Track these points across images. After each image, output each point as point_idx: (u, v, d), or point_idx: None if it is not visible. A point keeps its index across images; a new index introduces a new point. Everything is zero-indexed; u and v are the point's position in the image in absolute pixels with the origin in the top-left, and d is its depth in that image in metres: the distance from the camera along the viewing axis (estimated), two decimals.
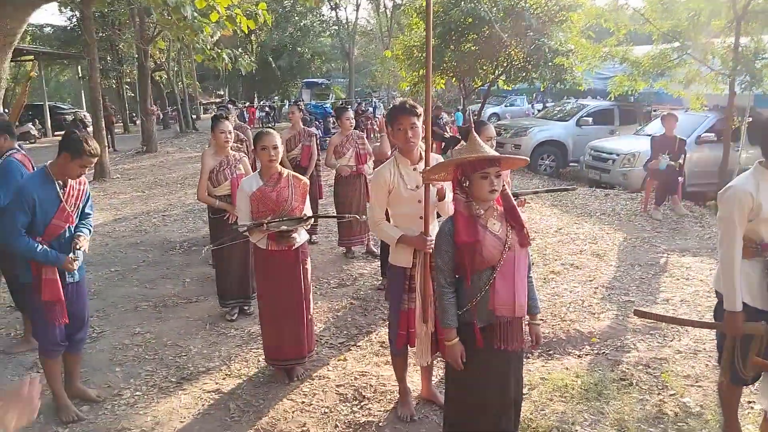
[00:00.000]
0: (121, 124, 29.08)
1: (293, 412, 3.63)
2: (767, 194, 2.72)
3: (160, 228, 8.52)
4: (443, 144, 14.67)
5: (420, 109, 3.36)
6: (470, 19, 13.82)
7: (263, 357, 4.13)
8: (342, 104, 24.27)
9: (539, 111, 21.48)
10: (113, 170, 14.23)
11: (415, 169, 3.33)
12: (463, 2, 13.56)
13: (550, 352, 4.35)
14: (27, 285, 3.42)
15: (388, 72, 28.29)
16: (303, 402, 3.75)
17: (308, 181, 4.01)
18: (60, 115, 26.87)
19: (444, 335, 2.76)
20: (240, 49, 28.63)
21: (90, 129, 17.39)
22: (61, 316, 3.41)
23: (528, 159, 3.24)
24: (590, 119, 14.12)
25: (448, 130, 14.64)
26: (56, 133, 24.59)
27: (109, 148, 19.06)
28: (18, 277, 3.67)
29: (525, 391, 3.70)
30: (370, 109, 26.98)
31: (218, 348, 4.56)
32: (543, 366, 4.11)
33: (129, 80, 29.67)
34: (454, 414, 2.91)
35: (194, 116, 31.00)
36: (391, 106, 3.52)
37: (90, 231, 3.65)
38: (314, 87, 31.92)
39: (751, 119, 9.19)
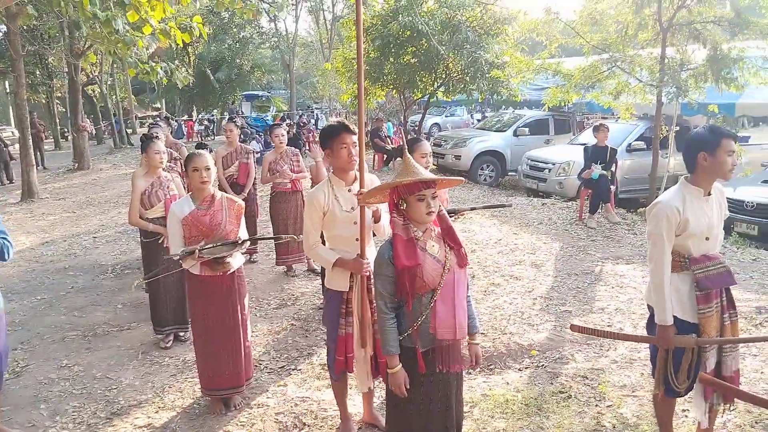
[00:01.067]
0: (52, 140, 27.95)
1: None
2: (693, 209, 2.80)
3: (91, 251, 8.16)
4: (385, 156, 14.72)
5: (354, 128, 3.31)
6: (408, 32, 13.94)
7: (199, 387, 3.97)
8: (283, 116, 24.09)
9: (478, 121, 21.85)
10: (42, 189, 13.59)
11: (350, 191, 3.27)
12: (401, 16, 13.66)
13: (491, 366, 4.36)
14: None
15: (329, 84, 28.24)
16: None
17: (243, 204, 3.89)
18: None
19: (387, 362, 2.71)
20: (177, 62, 28.03)
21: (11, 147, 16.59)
22: None
23: (463, 179, 3.23)
24: (527, 129, 14.46)
25: (390, 142, 14.67)
26: None
27: (38, 166, 18.26)
28: None
29: (467, 409, 3.72)
30: (312, 121, 26.88)
31: (151, 379, 4.36)
32: (484, 382, 4.11)
33: (60, 95, 28.54)
34: None
35: (129, 130, 30.08)
36: (326, 127, 3.44)
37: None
38: (254, 99, 31.49)
39: (678, 128, 9.58)
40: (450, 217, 4.06)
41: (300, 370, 4.41)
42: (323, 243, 3.36)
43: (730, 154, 2.76)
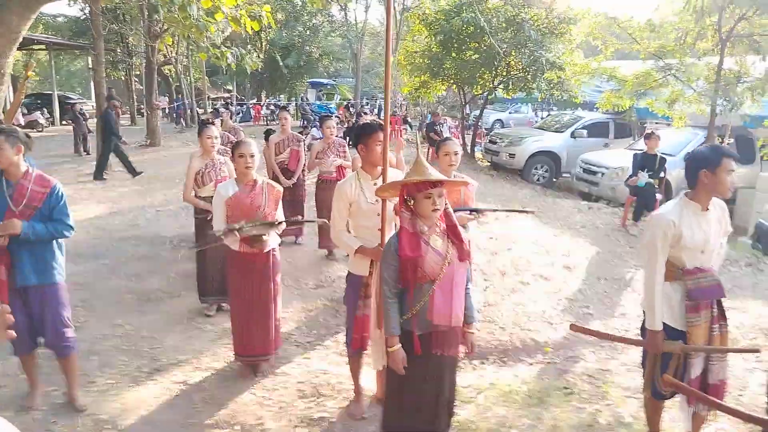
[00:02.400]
0: (129, 116, 29.40)
1: (252, 405, 3.88)
2: (689, 223, 2.95)
3: (153, 223, 8.78)
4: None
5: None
6: (471, 29, 14.04)
7: (233, 353, 4.37)
8: (347, 105, 24.52)
9: (542, 119, 21.64)
10: (115, 162, 14.49)
11: (375, 184, 3.55)
12: (464, 11, 13.78)
13: (504, 359, 4.59)
14: None
15: (392, 75, 28.55)
16: (263, 396, 3.99)
17: (281, 189, 4.25)
18: (69, 105, 27.22)
19: (387, 342, 3.00)
20: (249, 46, 28.91)
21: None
22: None
23: (470, 181, 3.45)
24: (585, 132, 14.31)
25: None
26: (63, 122, 24.89)
27: None
28: None
29: (473, 395, 3.98)
30: (374, 111, 27.19)
31: (192, 342, 4.81)
32: (495, 372, 4.35)
33: (138, 73, 29.98)
34: (392, 413, 3.15)
35: (202, 110, 31.33)
36: (362, 124, 3.78)
37: (48, 231, 3.51)
38: (320, 87, 32.14)
39: (733, 139, 9.38)
40: (471, 215, 4.33)
41: (325, 346, 4.77)
42: (349, 231, 3.68)
43: (730, 173, 2.89)
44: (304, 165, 7.47)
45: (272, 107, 27.22)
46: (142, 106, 31.43)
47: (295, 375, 4.28)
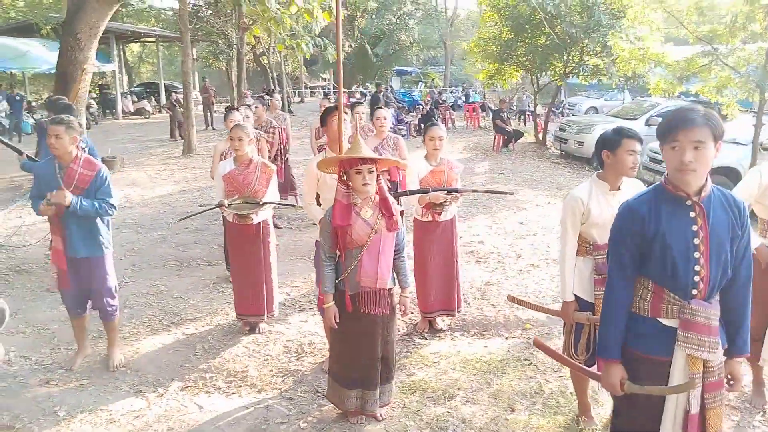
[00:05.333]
0: (229, 103, 31.25)
1: (242, 356, 4.46)
2: (597, 202, 3.15)
3: (214, 200, 9.61)
4: (505, 138, 14.92)
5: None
6: (539, 14, 13.93)
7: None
8: (431, 92, 24.81)
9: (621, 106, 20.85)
10: (202, 147, 15.73)
11: None
12: None
13: (485, 333, 4.86)
14: None
15: (468, 62, 28.42)
16: (253, 350, 4.56)
17: (274, 168, 4.76)
18: (175, 94, 29.39)
19: (324, 299, 3.44)
20: (344, 37, 29.59)
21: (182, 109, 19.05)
22: (62, 283, 4.11)
23: (404, 162, 3.78)
24: (660, 119, 13.78)
25: (511, 124, 14.84)
26: (164, 110, 26.92)
27: (207, 126, 20.93)
28: None
29: (436, 360, 4.33)
30: (463, 98, 27.19)
31: (211, 303, 5.47)
32: (469, 344, 4.65)
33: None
34: (333, 362, 3.59)
35: (299, 99, 32.74)
36: (325, 108, 4.23)
37: (93, 207, 3.93)
38: (404, 75, 32.61)
39: None
40: (449, 196, 4.65)
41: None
42: (319, 204, 4.14)
43: (631, 153, 3.06)
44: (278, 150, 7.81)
45: (357, 95, 27.99)
46: (244, 92, 33.37)
47: (287, 334, 4.81)
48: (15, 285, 5.83)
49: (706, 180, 2.31)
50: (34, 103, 22.03)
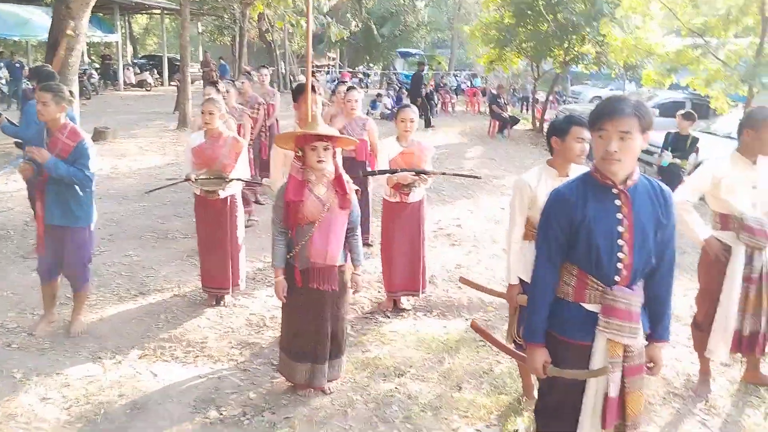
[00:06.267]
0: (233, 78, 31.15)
1: (204, 328, 4.52)
2: (545, 187, 3.16)
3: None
4: (501, 123, 14.88)
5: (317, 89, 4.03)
6: (542, 1, 13.83)
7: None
8: (434, 76, 24.69)
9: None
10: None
11: None
12: None
13: (447, 314, 4.91)
14: None
15: (469, 46, 28.22)
16: (215, 322, 4.62)
17: (243, 143, 4.78)
18: (177, 67, 29.29)
19: (275, 273, 3.48)
20: (348, 15, 29.40)
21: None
22: (38, 247, 4.24)
23: (354, 140, 3.78)
24: (657, 111, 13.71)
25: (508, 110, 14.78)
26: (171, 82, 26.85)
27: None
28: None
29: (393, 338, 4.38)
30: (468, 82, 27.04)
31: (181, 275, 5.51)
32: (428, 324, 4.70)
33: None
34: (283, 336, 3.65)
35: (301, 76, 32.55)
36: (295, 85, 4.22)
37: (68, 172, 3.96)
38: (409, 57, 32.36)
39: None
40: (418, 177, 4.67)
41: None
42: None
43: (579, 141, 3.07)
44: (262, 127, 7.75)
45: (360, 75, 27.90)
46: (245, 68, 33.27)
47: (251, 308, 4.87)
48: None
49: (634, 169, 2.33)
50: None
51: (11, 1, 20.86)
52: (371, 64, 32.97)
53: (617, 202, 2.32)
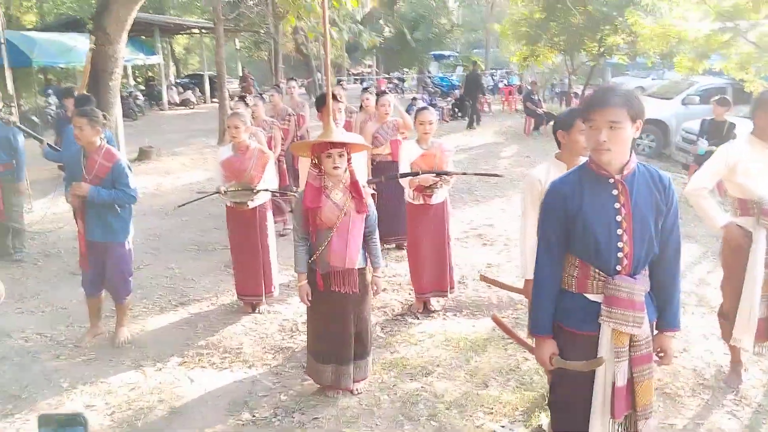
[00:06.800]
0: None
1: (239, 334, 4.69)
2: None
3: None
4: (536, 120, 14.74)
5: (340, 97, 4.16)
6: None
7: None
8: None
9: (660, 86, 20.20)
10: None
11: None
12: None
13: (476, 313, 4.96)
14: None
15: (502, 44, 28.03)
16: (250, 328, 4.79)
17: (270, 154, 4.96)
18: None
19: (298, 278, 3.62)
20: (381, 21, 29.58)
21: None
22: (82, 264, 4.47)
23: (365, 144, 3.88)
24: (697, 98, 13.35)
25: (544, 106, 14.64)
26: (213, 100, 27.55)
27: None
28: None
29: (421, 338, 4.46)
30: (504, 82, 26.79)
31: (219, 284, 5.72)
32: (458, 323, 4.76)
33: (282, 53, 32.24)
34: (309, 338, 3.78)
35: (340, 86, 32.86)
36: (318, 96, 4.36)
37: (111, 196, 4.22)
38: (442, 60, 32.34)
39: None
40: (439, 179, 4.74)
41: None
42: None
43: (584, 133, 3.09)
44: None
45: (395, 81, 28.02)
46: (281, 82, 33.88)
47: (285, 314, 5.03)
48: (42, 268, 6.25)
49: (630, 157, 2.35)
50: None
51: (57, 29, 21.86)
52: (406, 69, 33.03)
53: (614, 192, 2.35)
